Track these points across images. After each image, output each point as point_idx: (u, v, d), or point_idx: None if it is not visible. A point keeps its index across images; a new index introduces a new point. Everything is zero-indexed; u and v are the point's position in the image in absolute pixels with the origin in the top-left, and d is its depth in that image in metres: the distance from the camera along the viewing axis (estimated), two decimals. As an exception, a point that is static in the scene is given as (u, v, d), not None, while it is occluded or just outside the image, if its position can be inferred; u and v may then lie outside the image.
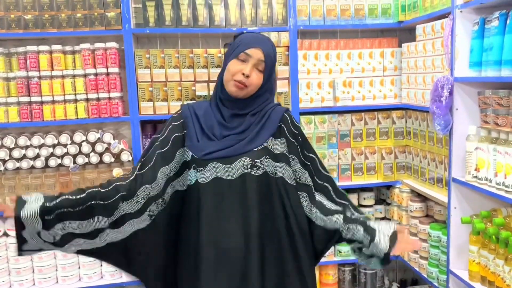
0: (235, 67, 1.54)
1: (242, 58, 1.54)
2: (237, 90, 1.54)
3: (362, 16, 2.61)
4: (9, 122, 2.37)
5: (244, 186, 1.52)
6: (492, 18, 1.84)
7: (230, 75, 1.54)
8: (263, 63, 1.55)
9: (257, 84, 1.56)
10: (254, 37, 1.60)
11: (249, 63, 1.54)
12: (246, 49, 1.54)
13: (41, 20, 2.34)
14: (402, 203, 2.60)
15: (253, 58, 1.54)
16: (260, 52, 1.55)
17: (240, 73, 1.53)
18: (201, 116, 1.58)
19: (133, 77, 2.42)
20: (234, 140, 1.55)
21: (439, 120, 2.06)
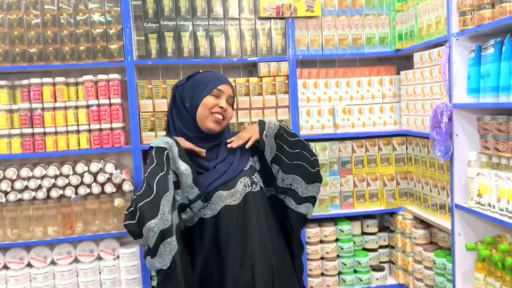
0: (211, 101, 1.65)
1: (215, 94, 1.67)
2: (217, 125, 1.66)
3: (360, 45, 2.66)
4: (12, 154, 2.38)
5: (250, 206, 1.64)
6: (488, 46, 1.88)
7: (208, 110, 1.65)
8: (232, 98, 1.73)
9: (231, 116, 1.73)
10: (220, 75, 1.75)
11: (223, 98, 1.67)
12: (218, 86, 1.67)
13: (45, 53, 2.39)
14: (406, 230, 2.58)
15: (225, 94, 1.68)
16: (230, 88, 1.71)
17: (218, 107, 1.65)
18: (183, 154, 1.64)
19: (135, 108, 2.45)
20: (226, 165, 1.67)
21: (440, 146, 2.07)
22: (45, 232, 2.42)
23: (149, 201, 1.43)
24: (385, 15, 2.68)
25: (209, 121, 1.64)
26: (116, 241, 2.53)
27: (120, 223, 2.48)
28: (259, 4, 2.53)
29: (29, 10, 2.37)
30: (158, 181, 1.47)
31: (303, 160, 1.72)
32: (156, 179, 1.48)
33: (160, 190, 1.45)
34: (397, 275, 2.71)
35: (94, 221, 2.45)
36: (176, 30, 2.48)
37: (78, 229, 2.44)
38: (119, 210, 2.46)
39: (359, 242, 2.73)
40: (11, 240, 2.39)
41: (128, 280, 2.48)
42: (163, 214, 1.42)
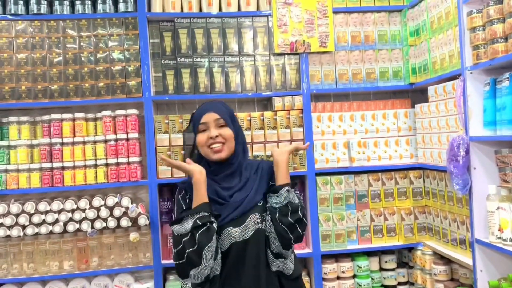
0: (201, 138, 1.68)
1: (202, 128, 1.69)
2: (218, 153, 1.66)
3: (374, 79, 2.68)
4: (31, 188, 2.42)
5: (259, 242, 1.62)
6: (502, 79, 1.87)
7: (203, 147, 1.68)
8: (221, 119, 1.69)
9: (230, 136, 1.69)
10: (202, 106, 1.74)
11: (210, 128, 1.68)
12: (200, 120, 1.69)
13: (66, 90, 2.47)
14: (426, 266, 2.51)
15: (210, 122, 1.68)
16: (213, 114, 1.68)
17: (209, 139, 1.66)
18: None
19: (152, 142, 2.49)
20: (243, 194, 1.66)
21: (457, 180, 2.04)
22: (61, 267, 2.42)
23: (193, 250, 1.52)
24: (398, 50, 2.71)
25: (210, 155, 1.68)
26: (131, 276, 2.51)
27: (135, 257, 2.47)
28: (273, 40, 2.59)
29: (52, 49, 2.47)
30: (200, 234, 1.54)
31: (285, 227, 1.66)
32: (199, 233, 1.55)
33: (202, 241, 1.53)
34: (418, 314, 2.62)
35: (109, 256, 2.45)
36: (193, 66, 2.55)
37: (93, 264, 2.44)
38: (134, 245, 2.46)
39: (378, 279, 2.66)
40: (27, 274, 2.40)
41: (142, 316, 2.44)
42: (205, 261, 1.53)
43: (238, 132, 1.75)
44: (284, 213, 1.60)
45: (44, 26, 2.46)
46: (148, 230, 2.46)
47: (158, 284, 2.46)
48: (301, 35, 2.60)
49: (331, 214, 2.58)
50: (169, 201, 2.56)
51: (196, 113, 1.73)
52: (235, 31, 2.59)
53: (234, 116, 1.77)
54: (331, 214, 2.59)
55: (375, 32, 2.70)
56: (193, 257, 1.50)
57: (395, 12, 2.72)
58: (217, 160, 1.67)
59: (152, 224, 2.45)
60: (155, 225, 2.46)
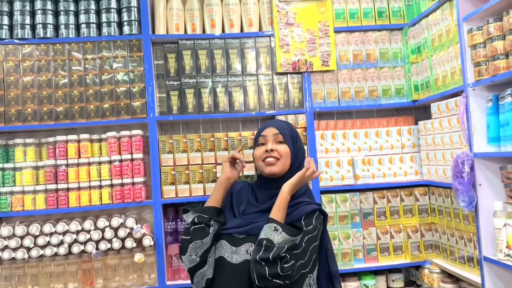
0: (258, 151, 1.72)
1: (261, 142, 1.73)
2: (271, 166, 1.68)
3: (376, 96, 2.69)
4: (36, 210, 2.42)
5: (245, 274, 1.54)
6: (505, 95, 1.88)
7: (259, 159, 1.72)
8: (279, 135, 1.71)
9: (286, 152, 1.70)
10: (267, 123, 1.79)
11: (268, 142, 1.71)
12: (260, 133, 1.73)
13: (71, 112, 2.49)
14: (433, 285, 2.47)
15: (269, 136, 1.71)
16: (273, 129, 1.72)
17: (264, 152, 1.69)
18: (235, 192, 1.79)
19: (156, 162, 2.49)
20: (250, 220, 1.63)
21: (463, 197, 2.03)
22: (65, 289, 2.40)
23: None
24: (400, 67, 2.73)
25: (263, 168, 1.71)
26: (136, 298, 2.49)
27: (140, 278, 2.45)
28: (276, 60, 2.62)
29: (58, 71, 2.50)
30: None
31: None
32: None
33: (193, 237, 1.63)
34: (427, 334, 2.57)
35: (114, 277, 2.44)
36: (197, 87, 2.57)
37: (98, 285, 2.42)
38: (139, 266, 2.44)
39: (385, 298, 2.62)
40: (31, 297, 2.38)
41: (147, 339, 2.41)
42: (190, 255, 1.62)
43: (297, 153, 1.73)
44: (256, 249, 1.51)
45: (50, 49, 2.50)
46: (152, 250, 2.45)
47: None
48: (303, 54, 2.63)
49: (336, 232, 2.57)
50: (174, 221, 2.55)
51: (259, 128, 1.80)
52: (238, 51, 2.62)
53: (296, 137, 1.77)
54: (337, 232, 2.57)
55: (376, 50, 2.72)
56: (183, 244, 1.64)
57: (396, 30, 2.75)
58: (268, 174, 1.68)
59: (156, 245, 2.44)
60: (159, 245, 2.45)
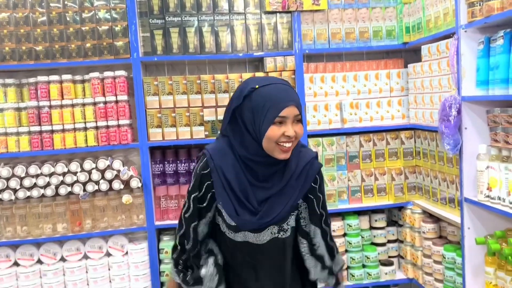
0: (275, 132, 1.39)
1: (278, 121, 1.40)
2: (286, 153, 1.43)
3: (367, 38, 2.63)
4: (20, 151, 2.40)
5: (273, 249, 1.52)
6: (497, 37, 1.85)
7: (273, 142, 1.41)
8: (299, 115, 1.44)
9: (301, 134, 1.46)
10: (280, 92, 1.42)
11: (288, 124, 1.41)
12: (279, 113, 1.39)
13: (52, 51, 2.40)
14: (415, 224, 2.56)
15: (289, 117, 1.41)
16: (294, 109, 1.41)
17: (283, 136, 1.41)
18: (232, 179, 1.46)
19: (142, 104, 2.45)
20: (268, 212, 1.47)
21: (448, 140, 2.05)
22: (54, 229, 2.43)
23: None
24: (392, 8, 2.65)
25: (277, 153, 1.42)
26: (125, 237, 2.54)
27: (128, 219, 2.49)
28: (265, -2, 2.52)
29: (35, 8, 2.38)
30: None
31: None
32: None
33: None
34: (406, 270, 2.70)
35: (103, 218, 2.47)
36: (182, 26, 2.48)
37: (87, 226, 2.46)
38: (127, 207, 2.47)
39: (368, 237, 2.72)
40: (21, 237, 2.41)
41: (137, 276, 2.49)
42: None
43: None
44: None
45: (25, -16, 2.36)
46: (140, 192, 2.47)
47: (152, 244, 2.49)
48: (293, -8, 2.52)
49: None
50: (161, 164, 2.55)
51: (272, 98, 1.41)
52: (225, -12, 2.50)
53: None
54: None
55: (369, -11, 2.63)
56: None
57: (389, -32, 2.65)
58: (279, 158, 1.43)
59: (144, 187, 2.46)
60: (147, 187, 2.47)
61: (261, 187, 1.46)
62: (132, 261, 2.50)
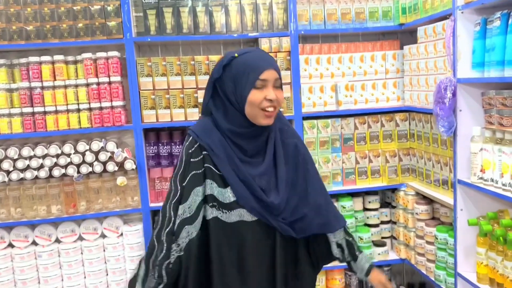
0: (257, 96, 1.41)
1: (259, 85, 1.42)
2: (269, 118, 1.44)
3: (363, 19, 2.61)
4: (13, 133, 2.37)
5: (264, 227, 1.47)
6: (493, 19, 1.83)
7: (256, 107, 1.42)
8: (279, 80, 1.46)
9: (283, 99, 1.49)
10: (260, 60, 1.45)
11: (268, 87, 1.42)
12: (260, 75, 1.41)
13: (43, 31, 2.35)
14: (408, 206, 2.59)
15: (270, 81, 1.42)
16: (274, 73, 1.44)
17: (266, 100, 1.42)
18: (222, 159, 1.45)
19: (135, 86, 2.42)
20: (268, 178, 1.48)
21: (443, 122, 2.05)
22: (49, 211, 2.43)
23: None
24: (389, -12, 2.62)
25: (260, 119, 1.43)
26: (120, 219, 2.55)
27: (123, 201, 2.49)
28: (260, -23, 2.47)
29: (25, -14, 2.33)
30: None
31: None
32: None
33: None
34: (398, 250, 2.73)
35: (97, 200, 2.46)
36: (175, 5, 2.44)
37: (81, 208, 2.46)
38: (121, 188, 2.47)
39: (361, 218, 2.74)
40: (15, 218, 2.41)
41: (132, 257, 2.50)
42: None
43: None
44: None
45: (14, -39, 2.30)
46: (135, 174, 2.47)
47: (147, 226, 2.50)
48: (288, -28, 2.48)
49: (317, 157, 2.60)
50: (155, 146, 2.54)
51: (252, 63, 1.43)
52: (219, -33, 2.45)
53: None
54: (317, 157, 2.61)
55: (365, -31, 2.59)
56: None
57: None
58: (263, 125, 1.44)
59: (139, 168, 2.45)
60: (142, 169, 2.46)
61: (250, 163, 1.46)
62: (127, 242, 2.50)
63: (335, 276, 2.74)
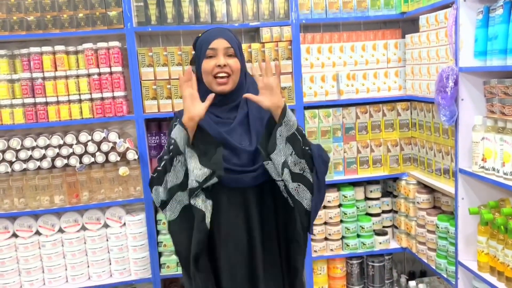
0: (208, 65, 1.56)
1: (210, 54, 1.56)
2: (223, 85, 1.57)
3: (365, 8, 2.59)
4: (15, 124, 2.38)
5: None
6: (496, 7, 1.82)
7: (209, 75, 1.57)
8: (231, 49, 1.57)
9: (237, 68, 1.59)
10: (211, 31, 1.62)
11: (219, 55, 1.56)
12: (209, 45, 1.56)
13: (44, 21, 2.35)
14: (409, 195, 2.59)
15: (219, 49, 1.56)
16: (223, 41, 1.57)
17: (216, 67, 1.55)
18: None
19: (136, 76, 2.42)
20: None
21: (445, 111, 2.05)
22: (52, 201, 2.44)
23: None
24: (391, -24, 2.60)
25: (214, 86, 1.57)
26: (122, 209, 2.56)
27: (125, 191, 2.50)
28: (261, -34, 2.45)
29: (25, -24, 2.31)
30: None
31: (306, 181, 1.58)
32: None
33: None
34: (400, 239, 2.74)
35: (100, 190, 2.48)
36: (176, -5, 2.42)
37: (84, 198, 2.47)
38: (124, 179, 2.48)
39: (362, 207, 2.75)
40: (18, 209, 2.43)
41: (135, 246, 2.52)
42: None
43: (243, 65, 1.64)
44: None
45: (13, -49, 2.29)
46: (137, 164, 2.47)
47: (150, 216, 2.51)
48: (289, -40, 2.46)
49: (318, 146, 2.60)
50: (157, 136, 2.55)
51: (204, 37, 1.59)
52: (220, -44, 2.44)
53: (241, 47, 1.65)
54: (319, 146, 2.61)
55: (367, -43, 2.56)
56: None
57: None
58: (220, 92, 1.57)
59: (141, 159, 2.46)
60: (144, 159, 2.47)
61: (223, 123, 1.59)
62: (130, 232, 2.52)
63: (336, 265, 2.76)
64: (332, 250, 2.70)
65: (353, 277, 2.78)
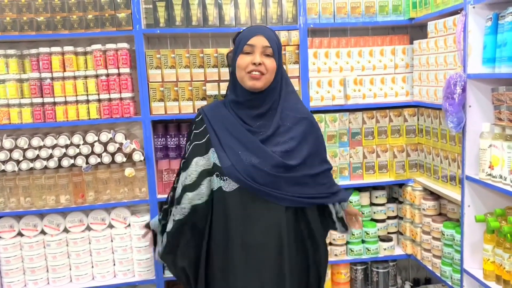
0: (243, 60, 1.55)
1: (247, 50, 1.55)
2: (255, 81, 1.54)
3: (373, 13, 2.59)
4: (23, 123, 2.40)
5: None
6: (505, 14, 1.81)
7: (243, 70, 1.55)
8: (269, 48, 1.56)
9: (272, 68, 1.57)
10: (253, 28, 1.62)
11: (256, 52, 1.55)
12: (247, 41, 1.55)
13: (53, 22, 2.37)
14: (415, 202, 2.58)
15: (257, 47, 1.55)
16: (262, 38, 1.55)
17: (251, 64, 1.54)
18: (218, 120, 1.61)
19: (144, 77, 2.43)
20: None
21: (452, 118, 2.04)
22: (58, 201, 2.46)
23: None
24: (400, -18, 2.60)
25: (246, 80, 1.56)
26: (127, 210, 2.57)
27: (130, 192, 2.51)
28: (270, -30, 2.46)
29: (36, -23, 2.34)
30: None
31: None
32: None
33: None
34: (404, 246, 2.73)
35: (105, 190, 2.49)
36: (185, -3, 2.44)
37: (90, 198, 2.48)
38: (129, 180, 2.49)
39: (368, 213, 2.74)
40: (24, 208, 2.44)
41: (139, 247, 2.53)
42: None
43: (280, 68, 1.62)
44: None
45: (25, -48, 2.31)
46: (143, 165, 2.48)
47: (154, 217, 2.51)
48: (298, -35, 2.47)
49: (324, 151, 2.60)
50: (163, 138, 2.56)
51: (245, 32, 1.60)
52: (229, -41, 2.45)
53: (281, 49, 1.64)
54: (325, 151, 2.61)
55: (376, -38, 2.57)
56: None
57: None
58: (251, 88, 1.55)
59: (147, 160, 2.47)
60: (150, 161, 2.48)
61: (253, 132, 1.58)
62: (135, 233, 2.53)
63: (340, 270, 2.74)
64: (337, 256, 2.69)
65: (357, 283, 2.77)
